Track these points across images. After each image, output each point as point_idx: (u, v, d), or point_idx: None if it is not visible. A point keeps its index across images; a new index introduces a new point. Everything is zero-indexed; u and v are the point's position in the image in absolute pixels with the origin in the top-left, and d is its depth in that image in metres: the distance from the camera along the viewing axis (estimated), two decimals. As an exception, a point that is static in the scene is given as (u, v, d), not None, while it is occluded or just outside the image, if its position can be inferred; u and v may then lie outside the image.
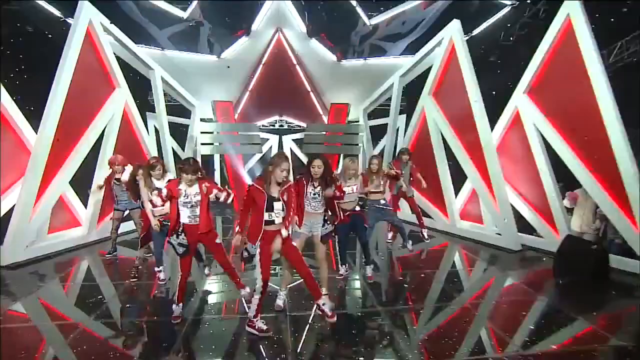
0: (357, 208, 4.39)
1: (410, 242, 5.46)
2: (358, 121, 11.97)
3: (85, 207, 7.07)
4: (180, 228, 3.45)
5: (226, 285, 4.74)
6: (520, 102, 7.05)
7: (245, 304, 3.92)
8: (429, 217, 8.26)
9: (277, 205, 3.18)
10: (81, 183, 6.99)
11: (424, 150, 8.41)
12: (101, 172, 6.83)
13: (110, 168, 5.83)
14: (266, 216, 3.16)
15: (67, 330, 3.53)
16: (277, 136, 12.94)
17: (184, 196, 3.42)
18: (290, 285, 4.10)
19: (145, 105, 9.88)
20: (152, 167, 4.36)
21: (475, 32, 8.91)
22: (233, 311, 4.00)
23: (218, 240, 3.60)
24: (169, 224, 3.57)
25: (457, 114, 7.59)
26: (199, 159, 10.88)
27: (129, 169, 5.04)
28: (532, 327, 3.63)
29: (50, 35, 8.44)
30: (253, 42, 11.32)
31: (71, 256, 6.09)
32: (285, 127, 13.14)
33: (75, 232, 6.83)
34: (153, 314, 3.94)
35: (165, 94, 9.53)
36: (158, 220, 4.25)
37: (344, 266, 4.79)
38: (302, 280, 3.37)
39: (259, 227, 3.17)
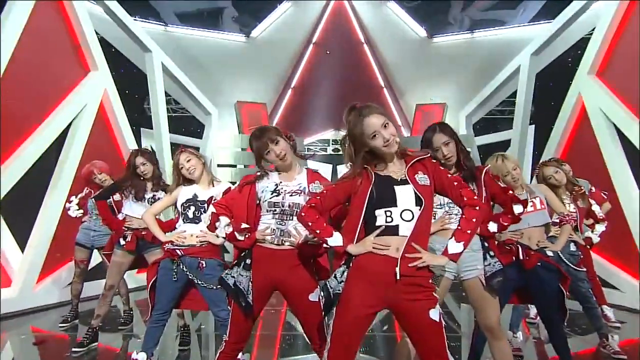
0: (550, 253, 3.48)
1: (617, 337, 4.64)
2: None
3: (22, 250, 6.33)
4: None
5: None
6: None
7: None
8: (609, 285, 6.82)
9: (405, 194, 2.22)
10: (20, 212, 6.37)
11: (583, 169, 7.15)
12: (55, 194, 6.43)
13: (86, 182, 5.49)
14: (379, 217, 2.22)
15: None
16: (331, 166, 12.34)
17: (273, 192, 2.76)
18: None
19: (139, 118, 9.81)
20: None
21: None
22: None
23: (313, 298, 2.71)
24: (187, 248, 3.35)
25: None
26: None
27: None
28: None
29: None
30: (298, 11, 11.07)
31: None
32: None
33: (-1, 295, 6.28)
34: None
35: (167, 100, 9.41)
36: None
37: None
38: None
39: (352, 237, 2.28)
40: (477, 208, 2.24)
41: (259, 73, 11.33)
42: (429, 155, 2.39)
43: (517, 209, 2.79)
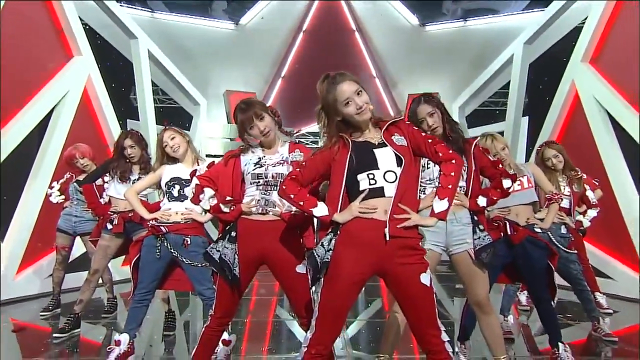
0: (538, 229, 3.46)
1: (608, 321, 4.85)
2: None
3: (2, 239, 6.19)
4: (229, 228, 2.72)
5: None
6: None
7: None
8: (603, 275, 6.83)
9: (385, 156, 2.23)
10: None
11: (577, 159, 7.26)
12: (36, 183, 6.40)
13: (67, 165, 5.41)
14: (361, 181, 2.21)
15: None
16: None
17: (256, 164, 2.74)
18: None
19: (125, 110, 9.68)
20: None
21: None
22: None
23: (301, 269, 2.65)
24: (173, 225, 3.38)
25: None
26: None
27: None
28: None
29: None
30: (288, -1, 11.16)
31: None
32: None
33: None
34: None
35: (154, 91, 9.34)
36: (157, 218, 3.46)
37: (463, 346, 3.66)
38: None
39: (335, 205, 2.25)
40: (454, 161, 2.23)
41: (249, 61, 11.23)
42: (402, 117, 2.39)
43: (506, 183, 2.79)
